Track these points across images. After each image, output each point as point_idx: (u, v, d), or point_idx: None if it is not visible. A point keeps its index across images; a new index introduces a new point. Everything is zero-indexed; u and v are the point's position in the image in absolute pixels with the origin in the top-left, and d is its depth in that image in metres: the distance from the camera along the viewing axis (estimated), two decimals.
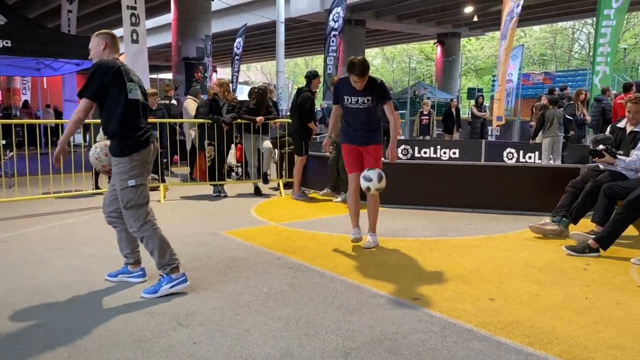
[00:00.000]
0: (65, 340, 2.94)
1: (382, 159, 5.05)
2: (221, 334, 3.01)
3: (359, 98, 4.80)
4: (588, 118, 9.77)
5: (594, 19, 15.35)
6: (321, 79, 9.82)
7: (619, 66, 32.45)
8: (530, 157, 10.88)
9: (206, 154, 7.88)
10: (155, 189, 8.25)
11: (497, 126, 13.89)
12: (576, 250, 4.67)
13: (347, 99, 4.86)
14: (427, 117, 14.54)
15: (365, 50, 27.80)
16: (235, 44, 21.59)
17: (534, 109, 12.34)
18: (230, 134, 7.93)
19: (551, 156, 9.84)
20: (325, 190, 7.80)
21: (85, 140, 9.45)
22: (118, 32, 27.89)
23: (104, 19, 23.06)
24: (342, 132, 5.13)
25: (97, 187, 7.95)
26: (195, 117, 8.64)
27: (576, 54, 44.14)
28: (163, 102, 10.89)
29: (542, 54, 45.26)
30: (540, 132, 9.87)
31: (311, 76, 7.89)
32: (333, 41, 16.87)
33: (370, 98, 4.79)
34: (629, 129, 5.22)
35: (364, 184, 4.75)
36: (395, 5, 22.67)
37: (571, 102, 9.56)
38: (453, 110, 14.92)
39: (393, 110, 4.97)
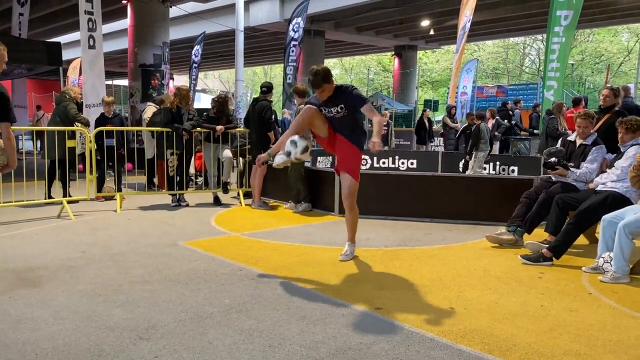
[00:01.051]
0: (19, 356, 2.82)
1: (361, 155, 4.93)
2: (183, 347, 2.96)
3: (332, 108, 4.68)
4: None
5: (544, 35, 15.98)
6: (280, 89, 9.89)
7: (567, 81, 33.82)
8: (485, 168, 11.18)
9: (169, 164, 7.75)
10: (112, 198, 8.06)
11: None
12: (531, 259, 4.82)
13: (324, 110, 4.74)
14: (386, 128, 14.72)
15: (325, 61, 27.98)
16: (193, 52, 21.34)
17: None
18: (191, 142, 7.83)
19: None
20: (290, 204, 7.74)
21: (36, 149, 9.13)
22: (72, 36, 27.13)
23: (57, 22, 22.38)
24: None
25: (49, 197, 7.70)
26: (152, 125, 8.50)
27: (527, 68, 45.77)
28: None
29: (495, 68, 46.73)
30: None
31: (267, 89, 7.92)
32: (293, 51, 16.92)
33: (343, 106, 4.65)
34: (578, 142, 5.45)
35: (287, 147, 4.38)
36: (354, 17, 22.96)
37: (553, 115, 9.82)
38: (426, 120, 14.82)
39: (373, 110, 4.73)
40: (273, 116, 8.26)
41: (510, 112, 13.67)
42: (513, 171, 10.80)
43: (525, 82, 36.16)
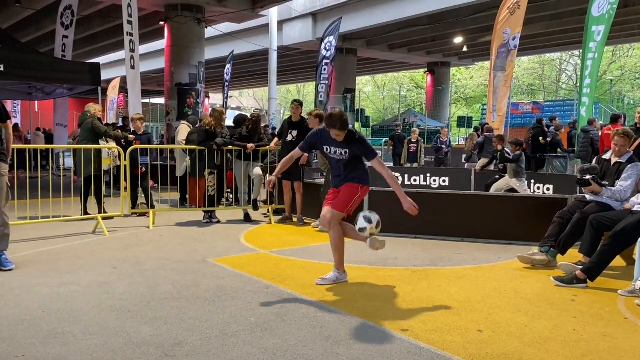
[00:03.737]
0: None
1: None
2: None
3: (337, 149, 4.63)
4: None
5: (580, 50, 15.67)
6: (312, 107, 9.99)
7: (605, 97, 33.03)
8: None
9: (209, 183, 7.88)
10: (145, 214, 8.23)
11: None
12: (564, 281, 4.68)
13: (327, 149, 4.71)
14: (415, 145, 14.62)
15: (357, 78, 28.11)
16: (225, 71, 21.79)
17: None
18: (224, 161, 7.97)
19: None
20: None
21: (75, 165, 9.44)
22: (110, 57, 28.01)
23: (96, 44, 23.22)
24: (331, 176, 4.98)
25: (85, 213, 7.90)
26: (189, 144, 8.67)
27: (564, 84, 44.96)
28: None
29: (531, 84, 46.04)
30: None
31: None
32: (325, 69, 17.07)
33: (347, 151, 4.58)
34: (613, 160, 5.31)
35: (362, 224, 4.53)
36: (387, 35, 23.03)
37: (591, 133, 9.58)
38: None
39: (382, 165, 4.68)
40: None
41: (555, 130, 13.35)
42: (548, 189, 10.55)
43: (562, 98, 35.48)
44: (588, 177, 5.20)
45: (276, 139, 8.08)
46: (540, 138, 12.64)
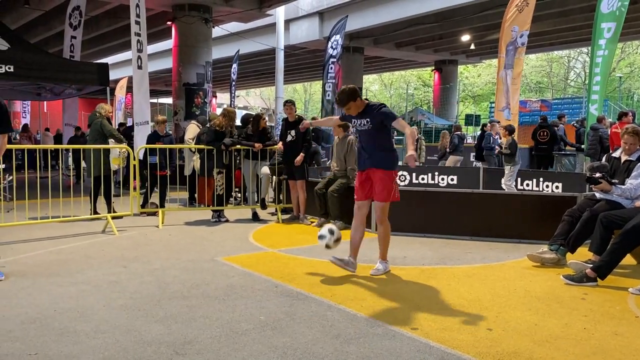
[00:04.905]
0: None
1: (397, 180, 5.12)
2: None
3: (361, 121, 4.98)
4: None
5: (589, 48, 15.55)
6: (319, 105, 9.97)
7: (614, 94, 32.80)
8: (527, 185, 10.92)
9: (216, 183, 7.90)
10: (154, 214, 8.27)
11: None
12: (574, 279, 4.67)
13: (354, 121, 5.10)
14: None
15: (363, 77, 28.04)
16: (232, 70, 21.82)
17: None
18: (232, 160, 7.98)
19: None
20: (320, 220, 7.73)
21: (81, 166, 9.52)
22: (118, 57, 28.05)
23: (104, 44, 23.30)
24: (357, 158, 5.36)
25: (95, 213, 7.95)
26: (199, 144, 8.71)
27: (572, 81, 44.69)
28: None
29: (539, 82, 45.79)
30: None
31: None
32: (331, 68, 17.05)
33: (369, 120, 4.92)
34: (623, 158, 5.28)
35: (324, 232, 4.98)
36: (393, 33, 22.97)
37: (600, 130, 9.58)
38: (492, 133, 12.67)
39: (404, 124, 4.92)
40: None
41: (555, 126, 13.36)
42: (557, 188, 10.51)
43: (570, 96, 35.27)
44: (598, 175, 5.17)
45: (280, 144, 8.03)
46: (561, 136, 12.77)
